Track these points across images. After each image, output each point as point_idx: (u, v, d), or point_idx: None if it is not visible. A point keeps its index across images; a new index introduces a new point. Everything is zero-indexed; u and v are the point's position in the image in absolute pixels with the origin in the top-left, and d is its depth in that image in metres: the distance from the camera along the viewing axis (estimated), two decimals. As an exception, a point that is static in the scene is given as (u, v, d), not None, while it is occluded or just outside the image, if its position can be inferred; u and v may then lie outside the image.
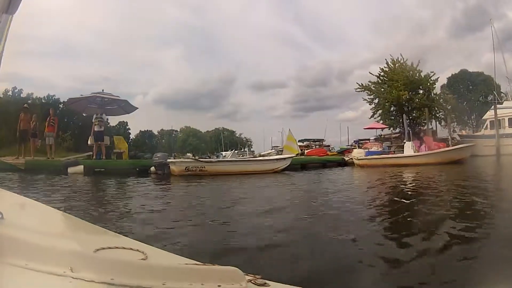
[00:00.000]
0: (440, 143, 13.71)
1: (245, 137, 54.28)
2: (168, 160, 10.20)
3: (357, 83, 23.37)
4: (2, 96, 26.86)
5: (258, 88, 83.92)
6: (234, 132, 54.85)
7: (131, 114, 14.14)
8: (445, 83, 23.16)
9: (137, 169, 10.33)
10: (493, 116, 17.61)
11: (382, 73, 22.51)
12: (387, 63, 22.38)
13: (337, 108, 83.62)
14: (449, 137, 14.85)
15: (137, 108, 14.05)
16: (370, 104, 22.89)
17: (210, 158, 14.21)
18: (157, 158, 10.20)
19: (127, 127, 49.54)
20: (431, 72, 22.26)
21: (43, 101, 29.62)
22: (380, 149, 14.24)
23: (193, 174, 9.38)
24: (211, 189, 7.03)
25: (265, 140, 49.78)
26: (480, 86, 23.27)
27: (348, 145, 29.23)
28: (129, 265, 0.59)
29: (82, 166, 9.84)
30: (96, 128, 11.38)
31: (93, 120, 11.42)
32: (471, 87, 24.04)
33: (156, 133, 48.13)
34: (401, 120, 21.83)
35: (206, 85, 66.49)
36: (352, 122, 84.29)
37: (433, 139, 15.31)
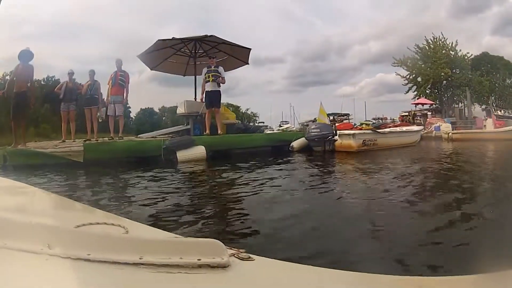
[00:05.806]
0: (500, 122, 14.79)
1: (252, 112, 53.45)
2: (341, 132, 7.77)
3: (393, 58, 24.06)
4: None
5: (256, 63, 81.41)
6: (239, 107, 53.67)
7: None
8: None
9: (271, 146, 7.86)
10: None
11: (419, 50, 23.36)
12: (426, 41, 23.20)
13: (335, 84, 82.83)
14: (495, 116, 15.95)
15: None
16: (405, 80, 23.88)
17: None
18: (317, 130, 7.75)
19: (127, 105, 46.78)
20: (468, 52, 23.63)
21: (42, 83, 26.95)
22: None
23: (369, 149, 7.51)
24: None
25: (271, 115, 49.32)
26: (502, 70, 25.10)
27: (368, 121, 30.16)
28: (107, 240, 0.56)
29: (202, 148, 6.34)
30: (209, 87, 7.45)
31: (203, 76, 7.55)
32: (491, 70, 25.82)
33: (157, 110, 45.74)
34: (439, 96, 23.35)
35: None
36: (350, 98, 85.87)
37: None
